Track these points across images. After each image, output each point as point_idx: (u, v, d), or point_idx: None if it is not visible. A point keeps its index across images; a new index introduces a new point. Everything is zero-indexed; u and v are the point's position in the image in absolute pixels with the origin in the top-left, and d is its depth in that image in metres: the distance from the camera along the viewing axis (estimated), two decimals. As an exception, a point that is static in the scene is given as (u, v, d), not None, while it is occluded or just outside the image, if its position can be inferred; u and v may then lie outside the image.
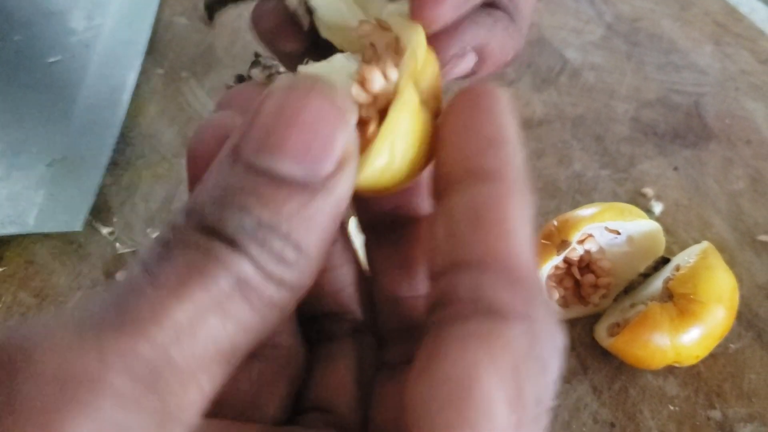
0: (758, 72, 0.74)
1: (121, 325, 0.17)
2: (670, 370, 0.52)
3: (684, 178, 0.65)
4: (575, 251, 0.52)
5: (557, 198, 0.63)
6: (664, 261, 0.54)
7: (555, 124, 0.69)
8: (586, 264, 0.54)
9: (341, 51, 0.30)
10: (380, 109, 0.25)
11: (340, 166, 0.20)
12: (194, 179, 0.24)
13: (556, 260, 0.51)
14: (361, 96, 0.25)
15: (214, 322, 0.18)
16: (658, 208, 0.62)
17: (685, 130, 0.69)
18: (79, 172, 0.61)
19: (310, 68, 0.28)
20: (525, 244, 0.21)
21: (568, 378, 0.52)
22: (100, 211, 0.61)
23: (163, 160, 0.66)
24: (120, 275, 0.57)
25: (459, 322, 0.19)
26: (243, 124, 0.20)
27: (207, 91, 0.72)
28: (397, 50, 0.27)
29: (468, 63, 0.33)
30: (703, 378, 0.52)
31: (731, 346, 0.53)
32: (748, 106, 0.71)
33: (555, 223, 0.52)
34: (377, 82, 0.25)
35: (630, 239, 0.53)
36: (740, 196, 0.63)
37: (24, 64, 0.71)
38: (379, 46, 0.28)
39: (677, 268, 0.50)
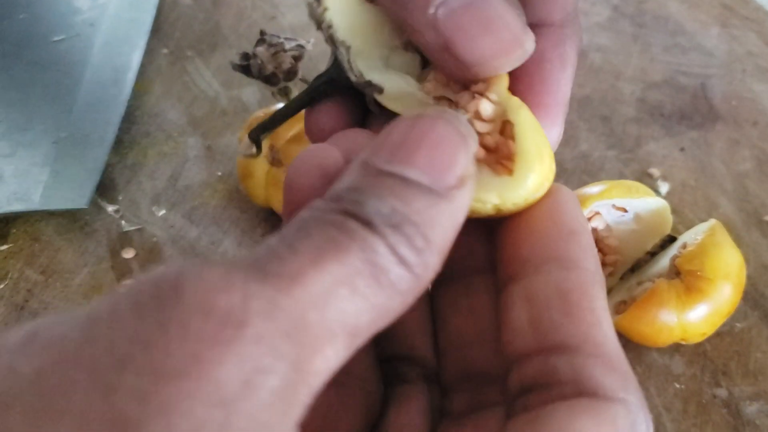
0: (765, 54, 0.74)
1: (264, 278, 0.18)
2: (676, 349, 0.52)
3: (690, 158, 0.65)
4: (582, 229, 0.52)
5: (563, 178, 0.63)
6: (671, 239, 0.54)
7: (561, 104, 0.69)
8: (593, 242, 0.54)
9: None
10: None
11: (461, 181, 0.22)
12: (290, 207, 0.26)
13: (563, 238, 0.51)
14: (481, 127, 0.27)
15: (345, 295, 0.19)
16: (664, 188, 0.62)
17: (691, 111, 0.69)
18: (85, 150, 0.61)
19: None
20: (613, 333, 0.23)
21: (574, 356, 0.52)
22: (105, 189, 0.61)
23: (169, 139, 0.66)
24: (126, 253, 0.57)
25: (566, 400, 0.21)
26: (373, 144, 0.23)
27: (212, 70, 0.72)
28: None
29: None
30: (709, 356, 0.52)
31: (737, 325, 0.54)
32: (755, 87, 0.71)
33: (562, 201, 0.52)
34: (486, 107, 0.27)
35: (637, 217, 0.53)
36: (747, 176, 0.63)
37: (29, 42, 0.71)
38: (456, 97, 0.30)
39: (684, 246, 0.50)
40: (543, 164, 0.27)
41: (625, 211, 0.53)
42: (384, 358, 0.29)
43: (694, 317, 0.48)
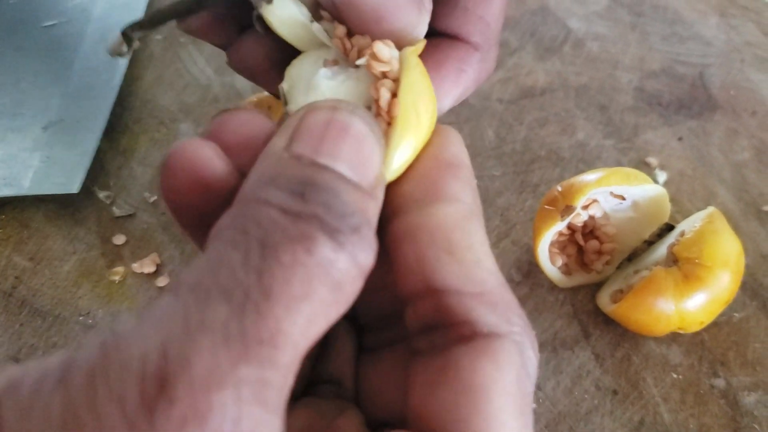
0: (764, 44, 0.73)
1: (247, 353, 0.18)
2: (673, 338, 0.51)
3: (688, 148, 0.64)
4: (579, 216, 0.51)
5: (560, 167, 0.62)
6: (669, 228, 0.53)
7: (558, 93, 0.68)
8: (590, 230, 0.53)
9: (295, 48, 0.32)
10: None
11: (378, 180, 0.24)
12: (178, 209, 0.25)
13: (560, 226, 0.50)
14: (378, 67, 0.28)
15: (312, 328, 0.20)
16: (662, 177, 0.61)
17: (689, 100, 0.68)
18: (76, 136, 0.60)
19: (293, 69, 0.31)
20: (492, 265, 0.25)
21: (570, 345, 0.51)
22: (96, 176, 0.60)
23: (161, 125, 0.65)
24: (116, 239, 0.56)
25: (464, 341, 0.23)
26: (285, 128, 0.23)
27: (206, 56, 0.71)
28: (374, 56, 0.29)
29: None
30: (707, 346, 0.51)
31: (735, 315, 0.53)
32: (754, 77, 0.70)
33: (559, 188, 0.51)
34: (384, 51, 0.28)
35: (635, 204, 0.52)
36: (745, 166, 0.63)
37: (20, 27, 0.70)
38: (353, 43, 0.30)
39: (682, 234, 0.50)
40: (417, 134, 0.27)
41: (623, 198, 0.52)
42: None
43: (692, 305, 0.47)
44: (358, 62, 0.29)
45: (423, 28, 0.29)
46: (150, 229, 0.57)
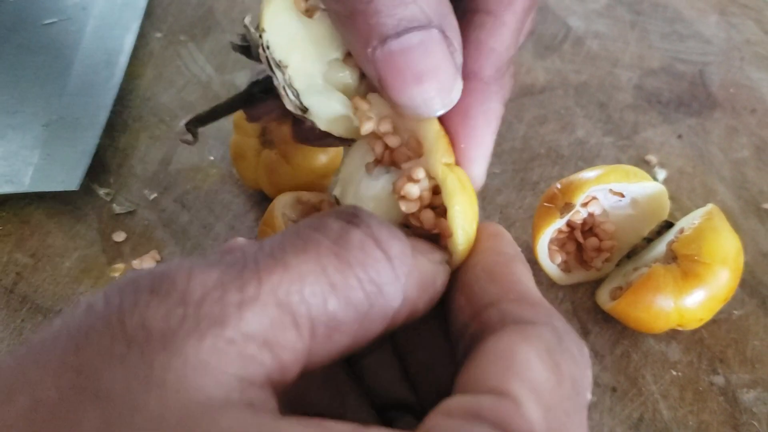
0: (764, 42, 0.74)
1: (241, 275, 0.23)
2: (672, 336, 0.52)
3: (688, 146, 0.64)
4: (579, 214, 0.51)
5: (559, 164, 0.62)
6: (668, 225, 0.53)
7: (558, 91, 0.68)
8: (589, 227, 0.53)
9: (341, 139, 0.35)
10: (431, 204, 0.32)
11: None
12: None
13: (560, 223, 0.50)
14: (411, 206, 0.31)
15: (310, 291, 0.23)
16: (661, 175, 0.61)
17: (689, 98, 0.68)
18: (76, 133, 0.61)
19: (342, 171, 0.35)
20: (535, 289, 0.27)
21: (570, 342, 0.51)
22: (97, 173, 0.60)
23: (161, 123, 0.65)
24: (117, 236, 0.56)
25: (494, 330, 0.24)
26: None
27: (206, 54, 0.71)
28: (408, 145, 0.32)
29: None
30: (706, 344, 0.51)
31: (735, 312, 0.53)
32: (754, 75, 0.70)
33: (558, 185, 0.51)
34: (413, 191, 0.31)
35: (634, 202, 0.52)
36: (745, 164, 0.63)
37: (20, 25, 0.70)
38: (389, 141, 0.33)
39: (681, 231, 0.50)
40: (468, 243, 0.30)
41: (622, 196, 0.52)
42: (378, 409, 0.31)
43: (691, 302, 0.47)
44: (398, 188, 0.32)
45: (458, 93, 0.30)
46: (150, 226, 0.57)
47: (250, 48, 0.59)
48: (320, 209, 0.52)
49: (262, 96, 0.38)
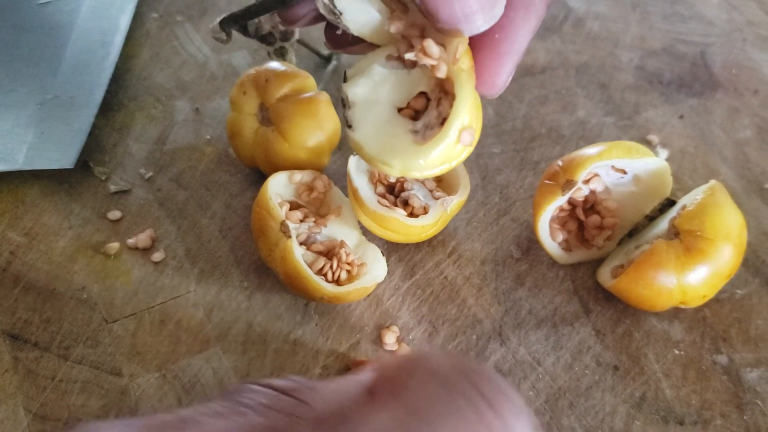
0: (766, 23, 0.73)
1: None
2: (675, 315, 0.51)
3: (690, 126, 0.63)
4: (580, 191, 0.51)
5: (560, 144, 0.61)
6: (670, 203, 0.53)
7: (558, 71, 0.68)
8: (591, 205, 0.52)
9: (373, 44, 0.36)
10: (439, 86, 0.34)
11: None
12: None
13: (561, 201, 0.50)
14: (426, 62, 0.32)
15: None
16: (663, 155, 0.60)
17: (691, 79, 0.67)
18: (71, 112, 0.60)
19: (356, 87, 0.36)
20: None
21: (571, 321, 0.51)
22: (92, 152, 0.60)
23: (157, 102, 0.64)
24: (112, 215, 0.55)
25: None
26: None
27: (202, 35, 0.70)
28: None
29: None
30: (709, 323, 0.51)
31: (738, 291, 0.52)
32: (756, 56, 0.70)
33: (559, 162, 0.51)
34: (433, 49, 0.31)
35: (636, 179, 0.52)
36: (747, 144, 0.62)
37: (15, 5, 0.69)
38: (415, 42, 0.33)
39: (683, 209, 0.49)
40: (452, 148, 0.31)
41: (625, 172, 0.51)
42: None
43: (694, 279, 0.46)
44: (407, 56, 0.33)
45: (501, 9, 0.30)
46: (146, 204, 0.56)
47: (246, 26, 0.58)
48: (313, 188, 0.51)
49: None
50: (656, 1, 0.75)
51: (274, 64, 0.55)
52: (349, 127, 0.36)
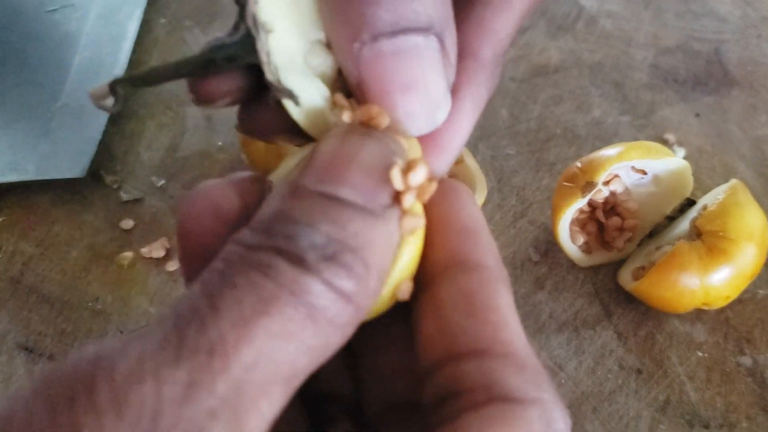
0: (780, 19, 0.72)
1: (178, 359, 0.18)
2: (697, 316, 0.50)
3: (706, 124, 0.63)
4: (601, 193, 0.50)
5: (576, 145, 0.61)
6: (690, 203, 0.52)
7: (572, 70, 0.67)
8: (611, 206, 0.52)
9: (298, 137, 0.29)
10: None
11: (395, 199, 0.22)
12: (190, 259, 0.24)
13: (581, 203, 0.49)
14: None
15: (278, 346, 0.19)
16: (680, 154, 0.60)
17: (706, 76, 0.67)
18: (81, 120, 0.59)
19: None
20: (519, 330, 0.23)
21: (592, 324, 0.50)
22: (103, 160, 0.59)
23: (167, 109, 0.63)
24: (124, 224, 0.55)
25: (478, 408, 0.20)
26: (300, 165, 0.22)
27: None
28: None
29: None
30: (732, 324, 0.50)
31: (760, 291, 0.52)
32: (771, 52, 0.69)
33: (578, 164, 0.50)
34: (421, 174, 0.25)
35: (656, 179, 0.51)
36: (765, 142, 0.61)
37: (23, 13, 0.69)
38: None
39: (704, 208, 0.48)
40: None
41: (645, 173, 0.51)
42: (308, 399, 0.27)
43: (717, 280, 0.46)
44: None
45: (446, 111, 0.27)
46: (159, 213, 0.56)
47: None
48: None
49: (222, 64, 0.29)
50: (669, -2, 0.74)
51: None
52: None
